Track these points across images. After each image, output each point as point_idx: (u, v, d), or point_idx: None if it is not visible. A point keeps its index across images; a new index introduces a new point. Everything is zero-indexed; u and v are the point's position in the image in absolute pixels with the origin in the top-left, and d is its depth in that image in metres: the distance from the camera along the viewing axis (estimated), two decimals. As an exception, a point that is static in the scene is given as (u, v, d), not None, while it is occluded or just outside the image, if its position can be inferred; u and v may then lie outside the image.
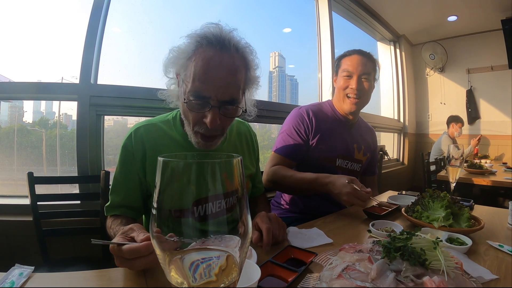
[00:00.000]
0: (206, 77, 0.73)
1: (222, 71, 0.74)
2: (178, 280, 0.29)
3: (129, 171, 0.86)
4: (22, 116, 1.76)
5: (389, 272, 0.50)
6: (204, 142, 0.82)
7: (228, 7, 2.86)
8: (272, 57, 3.72)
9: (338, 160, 1.32)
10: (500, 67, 3.96)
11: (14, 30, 1.63)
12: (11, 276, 0.57)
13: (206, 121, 0.76)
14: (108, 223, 0.84)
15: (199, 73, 0.73)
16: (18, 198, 1.50)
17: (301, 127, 1.30)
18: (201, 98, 0.75)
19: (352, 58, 1.31)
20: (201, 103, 0.75)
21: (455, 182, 1.09)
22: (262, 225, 0.75)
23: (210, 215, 0.29)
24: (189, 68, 0.75)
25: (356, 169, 1.37)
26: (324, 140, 1.30)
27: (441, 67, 4.51)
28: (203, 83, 0.73)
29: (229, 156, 0.30)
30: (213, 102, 0.75)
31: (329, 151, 1.30)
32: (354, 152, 1.36)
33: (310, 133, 1.30)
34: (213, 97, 0.74)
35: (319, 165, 1.30)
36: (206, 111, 0.76)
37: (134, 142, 0.86)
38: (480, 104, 4.27)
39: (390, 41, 4.38)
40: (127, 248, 0.56)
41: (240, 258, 0.30)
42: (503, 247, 0.75)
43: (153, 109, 1.56)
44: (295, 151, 1.29)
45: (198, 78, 0.73)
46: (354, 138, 1.38)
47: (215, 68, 0.74)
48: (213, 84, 0.74)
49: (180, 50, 0.79)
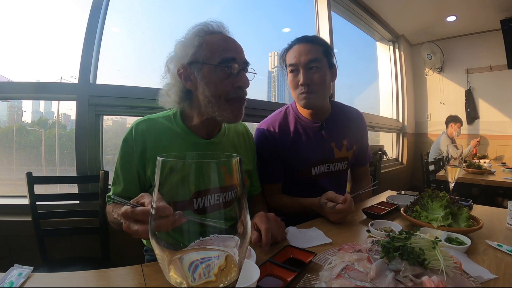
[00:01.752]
0: (228, 46, 0.86)
1: (235, 42, 0.89)
2: (177, 280, 0.29)
3: (128, 164, 0.88)
4: (21, 116, 1.76)
5: (388, 271, 0.50)
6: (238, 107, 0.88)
7: (228, 7, 2.86)
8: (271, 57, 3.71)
9: (314, 169, 1.20)
10: (499, 67, 3.97)
11: (13, 29, 1.63)
12: (10, 276, 0.57)
13: (240, 83, 0.86)
14: (109, 209, 0.85)
15: (221, 45, 0.85)
16: (17, 198, 1.49)
17: (270, 146, 1.19)
18: (231, 61, 0.84)
19: (294, 49, 1.14)
20: (231, 65, 0.85)
21: (454, 182, 1.09)
22: (260, 225, 0.76)
23: (209, 207, 0.30)
24: (204, 50, 0.84)
25: (342, 168, 1.26)
26: (293, 153, 1.19)
27: (440, 67, 4.52)
28: (227, 50, 0.85)
29: (229, 156, 0.31)
30: (240, 65, 0.86)
31: (302, 162, 1.19)
32: (333, 151, 1.22)
33: (279, 150, 1.19)
34: (239, 59, 0.86)
35: (297, 179, 1.23)
36: (235, 76, 0.85)
37: (135, 136, 0.88)
38: (479, 104, 4.28)
39: (389, 41, 4.39)
40: (140, 209, 0.57)
41: (239, 258, 0.30)
42: (502, 247, 0.75)
43: (152, 109, 1.53)
44: (276, 172, 1.21)
45: (222, 47, 0.84)
46: (330, 136, 1.22)
47: (230, 39, 0.88)
48: (235, 49, 0.87)
49: (186, 42, 0.86)
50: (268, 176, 1.21)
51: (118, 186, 0.90)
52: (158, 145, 0.88)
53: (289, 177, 1.24)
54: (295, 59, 1.12)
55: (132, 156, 0.88)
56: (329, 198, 0.97)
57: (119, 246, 1.38)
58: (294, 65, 1.13)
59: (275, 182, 1.22)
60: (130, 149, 0.88)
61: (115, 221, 0.78)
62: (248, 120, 2.22)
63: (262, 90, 3.07)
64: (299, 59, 1.11)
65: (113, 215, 0.80)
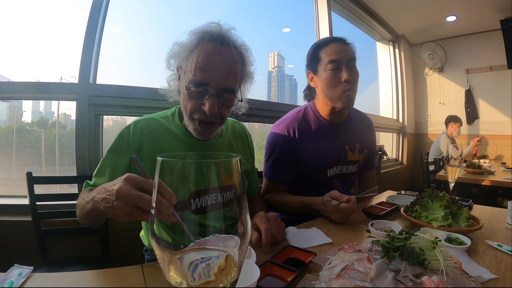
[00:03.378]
0: (206, 66, 0.79)
1: (222, 61, 0.80)
2: (177, 280, 0.29)
3: (119, 158, 0.86)
4: (21, 116, 1.76)
5: (388, 271, 0.50)
6: (202, 129, 0.84)
7: (228, 7, 2.86)
8: (271, 57, 3.71)
9: (329, 171, 1.21)
10: (499, 67, 3.97)
11: (13, 29, 1.63)
12: (10, 276, 0.57)
13: (204, 109, 0.81)
14: (83, 193, 0.77)
15: (200, 63, 0.79)
16: (17, 198, 1.49)
17: (286, 147, 1.18)
18: (201, 85, 0.79)
19: (332, 47, 1.13)
20: (201, 90, 0.80)
21: (454, 182, 1.09)
22: (260, 225, 0.76)
23: (208, 207, 0.30)
24: (190, 60, 0.80)
25: (353, 170, 1.28)
26: (311, 154, 1.19)
27: (440, 67, 4.52)
28: (204, 71, 0.79)
29: (228, 156, 0.31)
30: (212, 90, 0.80)
31: (318, 164, 1.20)
32: (347, 154, 1.24)
33: (295, 152, 1.19)
34: (212, 85, 0.79)
35: (311, 180, 1.23)
36: (205, 99, 0.80)
37: (133, 133, 0.87)
38: (479, 104, 4.28)
39: (389, 41, 4.39)
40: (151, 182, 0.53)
41: (239, 258, 0.30)
42: (502, 247, 0.75)
43: (152, 109, 1.55)
44: (286, 174, 1.22)
45: (199, 67, 0.79)
46: (345, 139, 1.25)
47: (215, 58, 0.80)
48: (213, 73, 0.79)
49: (182, 44, 0.84)
50: (279, 176, 1.22)
51: (101, 178, 0.86)
52: (155, 145, 0.88)
53: (303, 178, 1.23)
54: (338, 56, 1.11)
55: (125, 151, 0.86)
56: (333, 197, 0.97)
57: (119, 246, 1.38)
58: (336, 61, 1.11)
59: (283, 183, 1.23)
60: (125, 143, 0.87)
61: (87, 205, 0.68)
62: (248, 120, 2.22)
63: (262, 90, 3.06)
64: (342, 56, 1.11)
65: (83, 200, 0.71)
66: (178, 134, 0.91)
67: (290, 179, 1.23)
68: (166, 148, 0.88)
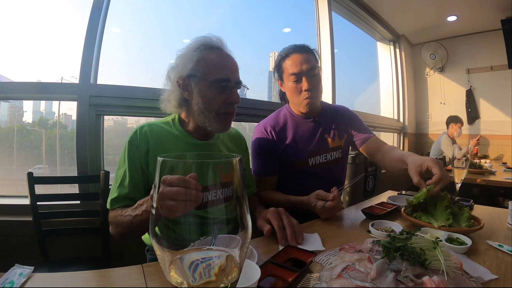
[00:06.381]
0: (224, 65, 0.93)
1: (231, 61, 0.96)
2: (178, 280, 0.29)
3: (135, 165, 0.91)
4: (21, 116, 1.76)
5: (388, 272, 0.50)
6: (228, 120, 0.96)
7: (228, 7, 2.86)
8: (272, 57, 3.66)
9: (310, 160, 1.28)
10: (499, 67, 3.96)
11: (14, 30, 1.63)
12: (11, 276, 0.57)
13: (231, 100, 0.94)
14: (117, 212, 0.85)
15: (217, 64, 0.92)
16: (17, 198, 1.50)
17: (265, 143, 1.29)
18: (225, 81, 0.92)
19: (292, 58, 1.23)
20: (225, 85, 0.92)
21: (461, 183, 1.08)
22: (274, 222, 0.82)
23: (209, 203, 0.31)
24: (202, 66, 0.91)
25: (337, 156, 1.33)
26: (290, 146, 1.28)
27: (440, 67, 4.51)
28: (223, 69, 0.92)
29: (229, 156, 0.31)
30: (232, 84, 0.93)
31: (299, 154, 1.28)
32: (327, 141, 1.32)
33: (276, 145, 1.29)
34: (232, 79, 0.93)
35: (294, 171, 1.29)
36: (228, 93, 0.93)
37: (139, 137, 0.93)
38: (479, 104, 4.27)
39: (390, 41, 4.38)
40: None
41: (240, 258, 0.30)
42: (503, 247, 0.75)
43: (153, 109, 1.55)
44: (271, 166, 1.29)
45: (219, 67, 0.92)
46: (323, 129, 1.32)
47: (227, 59, 0.95)
48: (229, 70, 0.94)
49: (186, 55, 0.93)
50: (264, 169, 1.29)
51: (125, 188, 0.89)
52: (160, 146, 0.93)
53: (286, 170, 1.30)
54: (297, 68, 1.21)
55: (137, 156, 0.91)
56: (319, 196, 1.01)
57: (120, 246, 1.38)
58: (296, 74, 1.22)
59: (270, 174, 1.30)
60: (135, 149, 0.92)
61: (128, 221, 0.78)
62: (248, 120, 2.22)
63: (262, 90, 3.06)
64: (301, 68, 1.21)
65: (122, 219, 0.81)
66: (180, 135, 0.98)
67: (276, 170, 1.30)
68: (170, 148, 0.94)
